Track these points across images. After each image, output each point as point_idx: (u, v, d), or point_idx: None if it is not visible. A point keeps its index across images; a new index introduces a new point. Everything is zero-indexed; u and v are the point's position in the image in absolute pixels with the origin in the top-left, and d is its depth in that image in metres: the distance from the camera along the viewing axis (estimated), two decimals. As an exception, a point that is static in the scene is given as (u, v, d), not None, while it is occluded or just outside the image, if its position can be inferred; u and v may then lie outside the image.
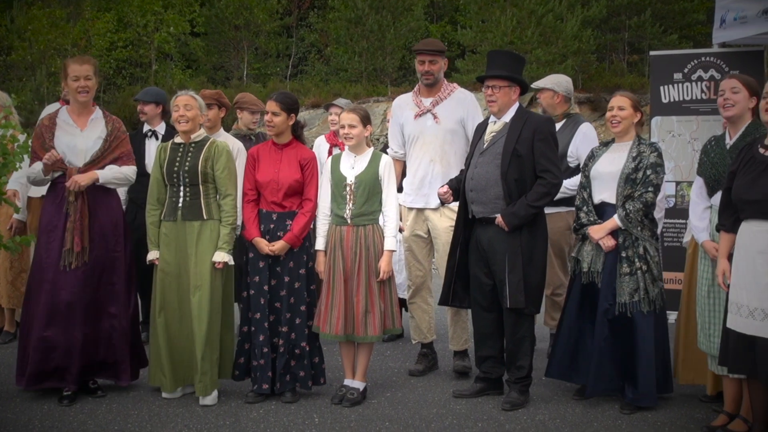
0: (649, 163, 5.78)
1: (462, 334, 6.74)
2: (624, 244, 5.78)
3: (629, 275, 5.73)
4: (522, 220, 5.80)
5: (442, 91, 6.71)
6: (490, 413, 5.78)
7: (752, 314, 4.77)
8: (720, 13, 8.24)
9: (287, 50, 26.10)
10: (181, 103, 5.97)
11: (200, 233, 5.91)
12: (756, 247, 4.78)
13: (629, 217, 5.73)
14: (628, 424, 5.56)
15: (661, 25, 21.33)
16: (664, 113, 8.58)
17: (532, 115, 6.05)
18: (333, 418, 5.67)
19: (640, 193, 5.75)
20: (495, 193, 5.90)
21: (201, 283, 5.85)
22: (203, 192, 5.95)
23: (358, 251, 5.88)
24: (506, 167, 5.86)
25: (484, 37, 20.53)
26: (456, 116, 6.65)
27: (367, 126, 5.99)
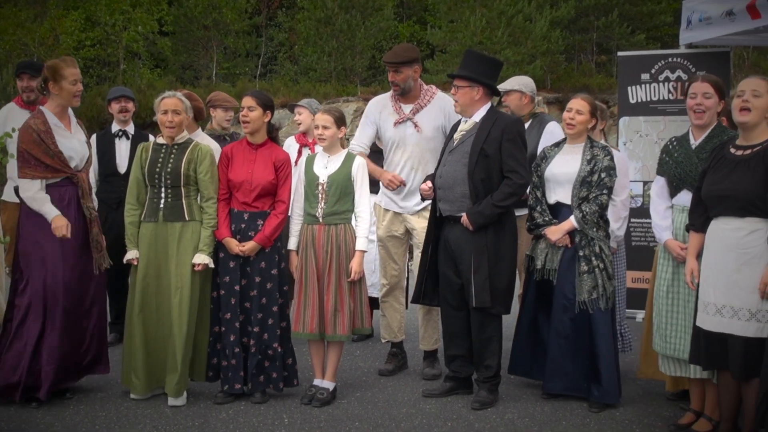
0: (603, 166, 5.89)
1: (433, 333, 6.75)
2: (581, 243, 5.86)
3: (587, 273, 5.81)
4: (487, 219, 5.82)
5: (421, 98, 6.65)
6: (459, 412, 5.80)
7: (720, 312, 4.82)
8: (686, 14, 8.32)
9: (256, 50, 26.04)
10: (170, 108, 5.93)
11: (181, 235, 5.88)
12: (725, 244, 4.83)
13: (586, 218, 5.83)
14: (596, 423, 5.59)
15: (629, 25, 21.50)
16: (632, 113, 8.64)
17: (501, 115, 6.06)
18: (302, 418, 5.66)
19: (595, 195, 5.85)
20: (461, 192, 5.92)
21: (182, 284, 5.83)
22: (185, 194, 5.92)
23: (330, 250, 5.88)
24: (473, 166, 5.88)
25: (454, 37, 20.59)
26: (436, 123, 6.61)
27: (341, 127, 5.99)
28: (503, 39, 19.41)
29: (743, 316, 4.72)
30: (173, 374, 5.85)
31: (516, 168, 5.85)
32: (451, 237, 6.01)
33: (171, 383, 5.87)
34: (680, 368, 5.44)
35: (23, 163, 5.78)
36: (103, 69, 23.86)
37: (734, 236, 4.78)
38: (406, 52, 6.67)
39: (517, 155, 5.88)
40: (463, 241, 5.92)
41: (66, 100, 5.95)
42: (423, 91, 6.68)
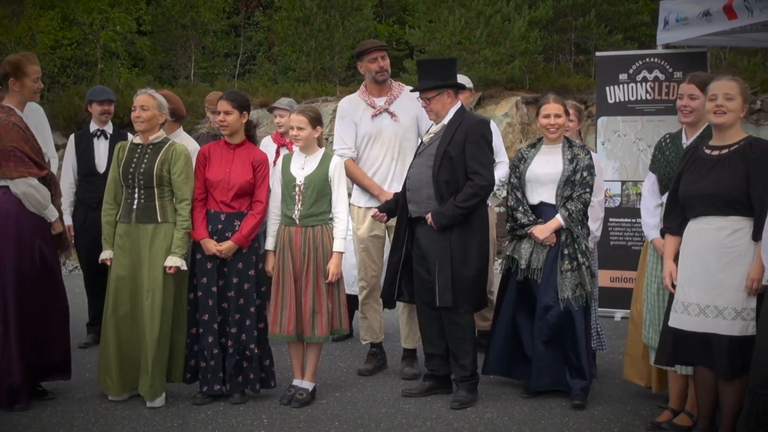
0: (584, 165, 5.98)
1: (417, 332, 6.76)
2: (565, 241, 5.91)
3: (571, 271, 5.86)
4: (450, 220, 5.85)
5: (393, 90, 6.74)
6: (438, 412, 5.80)
7: (704, 312, 4.84)
8: (663, 15, 8.36)
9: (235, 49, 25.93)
10: (138, 103, 5.91)
11: (154, 236, 5.85)
12: (707, 244, 4.85)
13: (572, 216, 5.90)
14: (575, 421, 5.61)
15: (607, 26, 21.53)
16: (610, 113, 8.68)
17: (467, 116, 6.07)
18: (282, 419, 5.65)
19: (579, 194, 5.93)
20: (427, 194, 5.96)
21: (154, 287, 5.79)
22: (158, 195, 5.88)
23: (307, 252, 5.87)
24: (437, 168, 5.92)
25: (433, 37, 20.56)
26: (412, 113, 6.69)
27: (316, 127, 5.97)
28: (482, 39, 19.40)
29: (728, 315, 4.75)
30: (145, 377, 5.83)
31: (479, 170, 5.87)
32: (421, 237, 6.05)
33: (144, 386, 5.84)
34: None
35: (17, 161, 5.69)
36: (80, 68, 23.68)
37: (717, 236, 4.80)
38: (379, 41, 6.88)
39: (480, 157, 5.91)
40: (430, 241, 5.97)
41: (27, 96, 5.92)
42: (393, 84, 6.79)
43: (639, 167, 8.45)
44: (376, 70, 6.69)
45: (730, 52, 21.12)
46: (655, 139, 5.76)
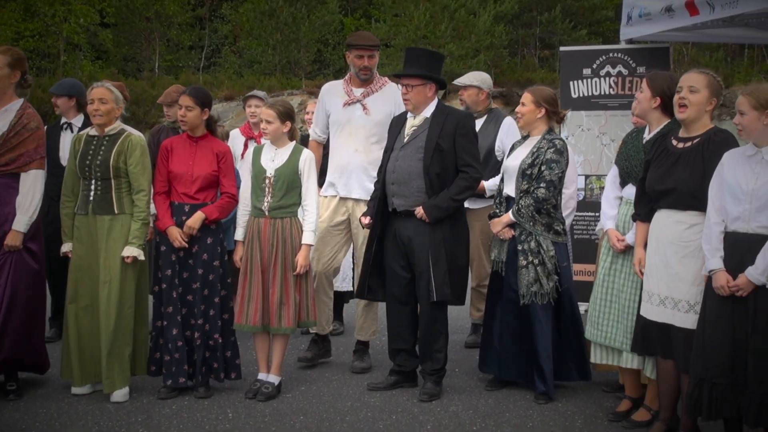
0: (544, 159, 5.89)
1: (371, 325, 6.78)
2: (520, 237, 5.91)
3: (525, 268, 5.87)
4: (443, 212, 5.87)
5: (374, 84, 6.73)
6: (404, 405, 5.82)
7: (663, 302, 4.92)
8: (627, 10, 8.41)
9: (200, 42, 25.82)
10: (96, 96, 5.87)
11: (111, 228, 5.82)
12: (667, 236, 4.92)
13: (520, 212, 5.87)
14: (539, 414, 5.65)
15: (571, 21, 21.72)
16: (574, 108, 8.70)
17: (452, 110, 6.10)
18: (247, 413, 5.65)
19: (532, 189, 5.88)
20: (417, 186, 5.95)
21: (110, 278, 5.76)
22: (115, 186, 5.85)
23: (275, 243, 5.87)
24: (429, 161, 5.92)
25: (398, 31, 20.62)
26: (386, 110, 6.65)
27: (285, 122, 5.97)
28: (447, 33, 19.49)
29: (682, 308, 4.83)
30: (103, 369, 5.80)
31: (471, 162, 5.93)
32: (404, 231, 6.02)
33: (103, 378, 5.82)
34: (610, 357, 5.56)
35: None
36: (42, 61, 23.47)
37: (675, 229, 4.87)
38: (374, 37, 6.84)
39: (471, 150, 5.97)
40: (418, 235, 5.94)
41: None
42: (376, 78, 6.77)
43: (602, 161, 8.49)
44: (360, 67, 6.68)
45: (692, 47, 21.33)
46: (618, 134, 5.81)
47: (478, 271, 7.20)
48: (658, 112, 5.38)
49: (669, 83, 5.34)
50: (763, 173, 4.45)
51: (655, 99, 5.35)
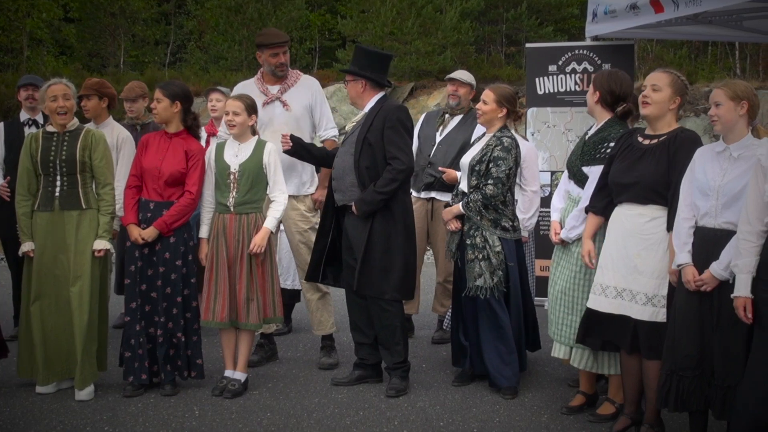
0: (492, 156, 5.91)
1: (328, 317, 6.80)
2: (469, 232, 5.94)
3: (472, 262, 5.90)
4: (371, 206, 5.88)
5: (289, 79, 6.76)
6: (371, 401, 5.83)
7: (620, 295, 4.98)
8: (592, 7, 8.47)
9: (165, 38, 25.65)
10: (60, 93, 5.84)
11: (79, 223, 5.81)
12: (627, 229, 4.98)
13: (468, 205, 5.90)
14: (505, 409, 5.68)
15: (537, 18, 21.80)
16: (540, 104, 8.76)
17: (387, 104, 6.07)
18: (213, 410, 5.63)
19: (481, 185, 5.91)
20: (350, 181, 5.99)
21: (81, 273, 5.76)
22: (81, 181, 5.85)
23: (241, 239, 5.86)
24: (358, 155, 5.96)
25: (365, 27, 20.60)
26: (304, 102, 6.70)
27: (251, 115, 5.96)
28: (413, 29, 19.49)
29: (640, 300, 4.89)
30: (77, 365, 5.77)
31: (396, 154, 5.90)
32: (347, 225, 6.09)
33: (76, 374, 5.79)
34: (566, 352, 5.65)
35: None
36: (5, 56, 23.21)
37: (636, 222, 4.93)
38: (283, 34, 6.84)
39: (397, 142, 5.93)
40: (355, 228, 6.01)
41: None
42: (290, 73, 6.80)
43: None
44: (276, 65, 6.68)
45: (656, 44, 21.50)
46: (584, 130, 5.84)
47: (443, 266, 7.21)
48: (599, 107, 5.48)
49: (609, 78, 5.46)
50: (731, 170, 4.49)
51: (595, 94, 5.45)
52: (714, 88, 4.68)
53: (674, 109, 5.00)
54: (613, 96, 5.41)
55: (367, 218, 5.91)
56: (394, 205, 5.94)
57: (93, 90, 6.86)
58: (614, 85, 5.41)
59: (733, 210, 4.41)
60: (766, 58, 21.29)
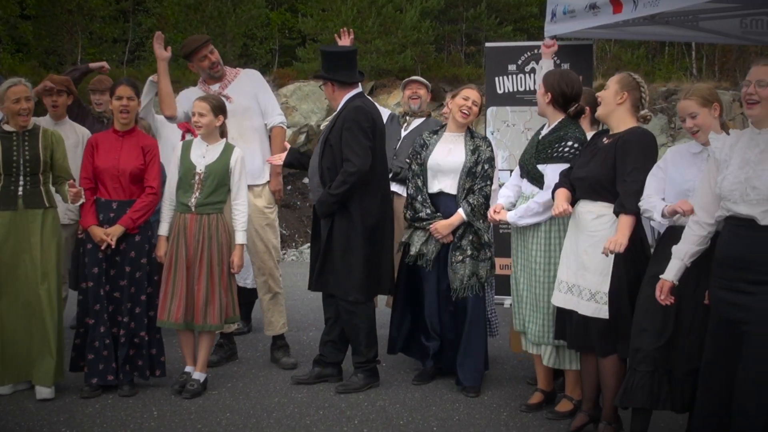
0: (486, 157, 5.99)
1: (279, 318, 6.80)
2: (460, 234, 5.95)
3: (461, 263, 5.91)
4: (326, 207, 5.91)
5: (228, 76, 6.78)
6: (331, 401, 5.82)
7: (571, 290, 5.05)
8: (551, 7, 8.50)
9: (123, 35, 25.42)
10: (23, 95, 5.81)
11: (44, 221, 5.80)
12: (578, 225, 5.06)
13: (474, 210, 5.89)
14: (465, 407, 5.70)
15: (497, 17, 21.88)
16: (499, 103, 8.78)
17: (350, 106, 6.05)
18: (172, 410, 5.59)
19: (480, 187, 5.94)
20: (317, 181, 6.03)
21: (48, 270, 5.77)
22: (43, 180, 5.85)
23: (201, 240, 5.83)
24: (320, 156, 6.00)
25: (325, 26, 20.57)
26: (248, 92, 6.72)
27: (218, 115, 5.93)
28: (374, 28, 19.49)
29: (584, 296, 4.95)
30: (49, 361, 5.75)
31: (349, 156, 5.89)
32: (321, 225, 6.10)
33: (47, 371, 5.75)
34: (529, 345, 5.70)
35: None
36: (-41, 53, 22.88)
37: (585, 218, 5.00)
38: (201, 35, 6.90)
39: (351, 143, 5.91)
40: (322, 228, 6.05)
41: None
42: (228, 71, 6.82)
43: (527, 157, 8.59)
44: (209, 67, 6.68)
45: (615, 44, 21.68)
46: (544, 129, 5.88)
47: None
48: (551, 107, 5.52)
49: (560, 79, 5.48)
50: None
51: (547, 95, 5.48)
52: (681, 100, 4.67)
53: (623, 105, 5.03)
54: (565, 97, 5.44)
55: (327, 219, 5.93)
56: (352, 207, 5.93)
57: (64, 86, 6.83)
58: (565, 87, 5.43)
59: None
60: (721, 59, 21.56)
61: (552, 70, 5.73)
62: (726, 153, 4.23)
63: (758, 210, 4.01)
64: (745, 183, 4.06)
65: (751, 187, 4.03)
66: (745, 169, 4.09)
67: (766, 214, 3.99)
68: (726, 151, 4.24)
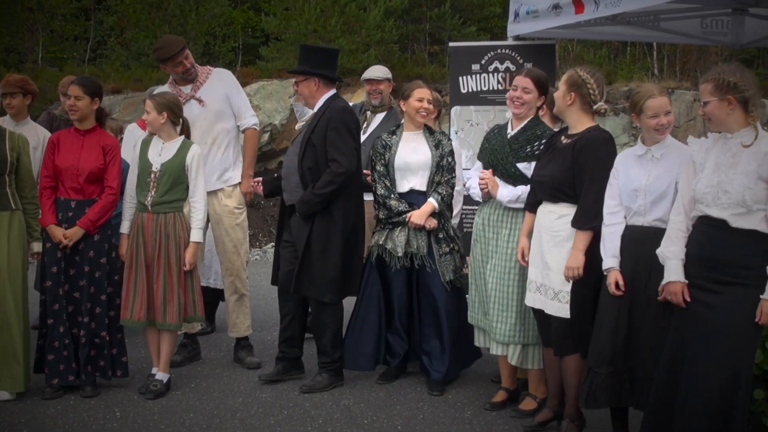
0: (448, 150, 6.12)
1: (245, 320, 6.80)
2: (438, 226, 6.01)
3: (449, 254, 5.99)
4: (310, 207, 5.91)
5: (200, 76, 6.73)
6: (295, 400, 5.82)
7: (539, 289, 5.10)
8: (514, 7, 8.55)
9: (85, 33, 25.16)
10: None
11: (11, 224, 5.75)
12: (541, 226, 5.10)
13: (444, 200, 6.02)
14: (429, 406, 5.72)
15: (461, 17, 21.92)
16: (463, 103, 8.81)
17: (333, 105, 6.09)
18: (135, 411, 5.56)
19: (447, 179, 6.06)
20: (295, 181, 6.01)
21: (14, 275, 5.72)
22: (8, 182, 5.78)
23: (158, 239, 5.80)
24: (301, 156, 5.98)
25: (288, 24, 20.48)
26: (220, 94, 6.67)
27: (162, 112, 5.89)
28: (337, 27, 19.45)
29: (548, 295, 5.00)
30: (15, 368, 5.69)
31: (336, 156, 5.91)
32: (293, 224, 6.10)
33: (15, 377, 5.71)
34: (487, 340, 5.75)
35: None
36: None
37: (548, 219, 5.06)
38: (176, 40, 6.79)
39: (338, 144, 5.93)
40: (298, 228, 6.03)
41: None
42: (200, 71, 6.76)
43: (491, 156, 8.62)
44: (183, 71, 6.64)
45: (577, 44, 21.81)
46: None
47: None
48: (534, 110, 5.62)
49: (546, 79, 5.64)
50: (654, 170, 4.64)
51: (540, 98, 5.58)
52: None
53: (574, 106, 5.06)
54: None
55: (308, 219, 5.91)
56: (334, 208, 5.94)
57: (18, 87, 6.75)
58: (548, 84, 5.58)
59: (661, 208, 4.58)
60: (682, 59, 21.74)
61: (533, 69, 5.71)
62: (702, 156, 4.31)
63: (728, 213, 4.11)
64: (717, 187, 4.15)
65: (722, 191, 4.13)
66: (718, 173, 4.18)
67: (736, 217, 4.09)
68: (702, 154, 4.32)
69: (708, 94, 4.18)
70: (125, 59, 23.68)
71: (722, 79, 4.14)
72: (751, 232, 4.08)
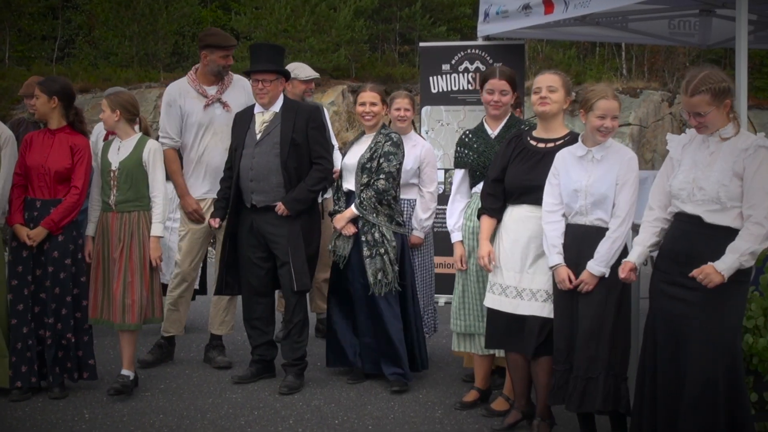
0: (383, 152, 6.02)
1: (231, 319, 6.80)
2: (363, 229, 6.00)
3: (371, 258, 5.95)
4: (303, 204, 5.98)
5: (226, 79, 6.70)
6: (266, 401, 5.80)
7: (520, 295, 5.06)
8: (484, 8, 8.59)
9: (53, 32, 24.96)
10: None
11: None
12: (529, 230, 5.06)
13: (363, 204, 5.97)
14: (400, 405, 5.72)
15: (431, 17, 21.95)
16: (433, 103, 8.84)
17: (300, 104, 6.21)
18: (104, 412, 5.52)
19: (373, 181, 5.98)
20: (276, 182, 5.99)
21: None
22: None
23: (123, 237, 5.79)
24: (285, 156, 5.98)
25: (258, 24, 20.43)
26: (241, 102, 6.61)
27: (116, 110, 5.88)
28: (307, 27, 19.42)
29: (540, 297, 4.98)
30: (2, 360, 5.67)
31: (324, 154, 6.07)
32: (264, 225, 6.05)
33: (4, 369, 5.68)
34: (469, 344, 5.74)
35: None
36: None
37: (539, 223, 5.00)
38: (231, 36, 6.85)
39: (323, 142, 6.11)
40: (279, 227, 6.01)
41: None
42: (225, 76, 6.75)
43: (460, 156, 8.64)
44: (223, 66, 6.63)
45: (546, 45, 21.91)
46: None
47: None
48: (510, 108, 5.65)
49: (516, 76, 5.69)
50: (594, 171, 4.74)
51: (514, 95, 5.62)
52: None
53: (566, 110, 5.15)
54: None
55: (292, 217, 5.96)
56: (314, 204, 6.18)
57: None
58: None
59: (602, 208, 4.69)
60: (650, 59, 21.89)
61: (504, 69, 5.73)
62: (679, 153, 4.37)
63: (703, 209, 4.18)
64: (692, 183, 4.23)
65: (698, 187, 4.20)
66: (694, 170, 4.25)
67: (710, 213, 4.16)
68: (679, 150, 4.38)
69: (706, 105, 4.17)
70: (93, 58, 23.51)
71: (717, 87, 4.16)
72: (725, 228, 4.14)
